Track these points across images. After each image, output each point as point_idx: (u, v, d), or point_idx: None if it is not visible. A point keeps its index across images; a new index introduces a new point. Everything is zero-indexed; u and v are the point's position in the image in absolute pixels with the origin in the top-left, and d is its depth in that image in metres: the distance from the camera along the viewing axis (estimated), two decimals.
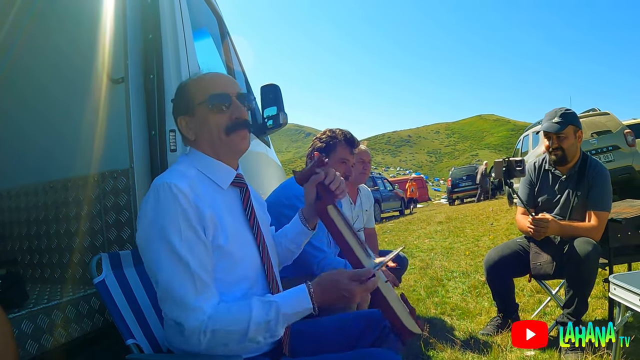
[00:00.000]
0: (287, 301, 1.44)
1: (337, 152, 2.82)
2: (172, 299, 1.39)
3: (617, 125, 9.69)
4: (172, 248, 1.39)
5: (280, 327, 1.42)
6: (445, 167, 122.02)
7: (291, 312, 1.42)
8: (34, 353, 1.78)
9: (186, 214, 1.41)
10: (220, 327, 1.36)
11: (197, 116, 1.60)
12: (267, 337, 1.42)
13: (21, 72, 2.85)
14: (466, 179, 24.65)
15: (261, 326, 1.38)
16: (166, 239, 1.39)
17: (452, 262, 6.39)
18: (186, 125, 1.62)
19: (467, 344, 3.15)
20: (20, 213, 2.78)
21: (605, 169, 3.19)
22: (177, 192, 1.41)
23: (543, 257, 3.13)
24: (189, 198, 1.43)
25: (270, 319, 1.39)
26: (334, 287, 1.44)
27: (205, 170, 1.58)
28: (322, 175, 1.73)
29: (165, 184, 1.43)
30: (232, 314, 1.38)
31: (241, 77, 3.68)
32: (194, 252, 1.40)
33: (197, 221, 1.42)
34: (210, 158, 1.60)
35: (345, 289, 1.43)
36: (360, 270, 1.47)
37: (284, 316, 1.41)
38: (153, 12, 2.41)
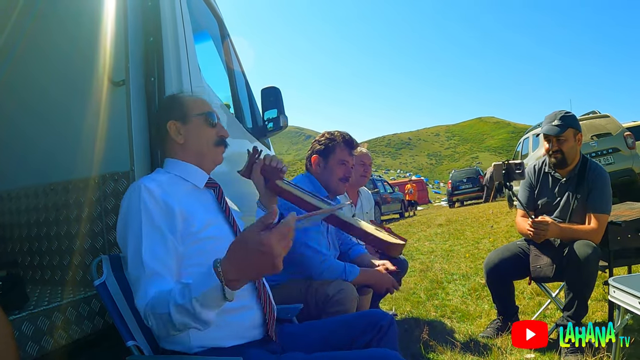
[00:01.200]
0: (196, 281, 1.31)
1: (336, 153, 2.81)
2: (133, 288, 1.55)
3: (617, 128, 9.70)
4: (134, 244, 1.54)
5: (202, 311, 1.30)
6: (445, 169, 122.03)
7: (202, 292, 1.28)
8: (35, 355, 1.78)
9: (149, 212, 1.55)
10: (153, 312, 1.41)
11: (192, 125, 1.80)
12: (196, 322, 1.33)
13: (22, 75, 2.85)
14: (466, 182, 24.64)
15: (181, 309, 1.32)
16: (131, 236, 1.55)
17: (452, 264, 6.39)
18: (176, 130, 1.78)
19: (467, 346, 3.15)
20: (20, 215, 2.78)
21: (605, 172, 3.19)
22: (144, 192, 1.57)
23: (543, 259, 3.13)
24: (156, 196, 1.58)
25: (185, 302, 1.30)
26: (242, 247, 1.23)
27: (182, 174, 1.77)
28: (261, 162, 1.99)
29: (136, 184, 1.61)
30: (159, 297, 1.42)
31: (241, 79, 3.68)
32: (150, 246, 1.51)
33: (161, 217, 1.56)
34: (187, 164, 1.79)
35: (253, 244, 1.19)
36: (264, 215, 1.24)
37: (198, 299, 1.28)
38: (154, 15, 2.42)
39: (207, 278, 1.27)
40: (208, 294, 1.28)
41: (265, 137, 3.79)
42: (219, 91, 3.11)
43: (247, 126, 3.54)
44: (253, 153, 2.00)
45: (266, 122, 3.59)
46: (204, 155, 1.82)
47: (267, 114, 3.56)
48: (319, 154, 2.84)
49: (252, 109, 3.78)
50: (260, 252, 1.19)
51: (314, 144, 2.93)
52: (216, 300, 1.28)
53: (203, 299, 1.29)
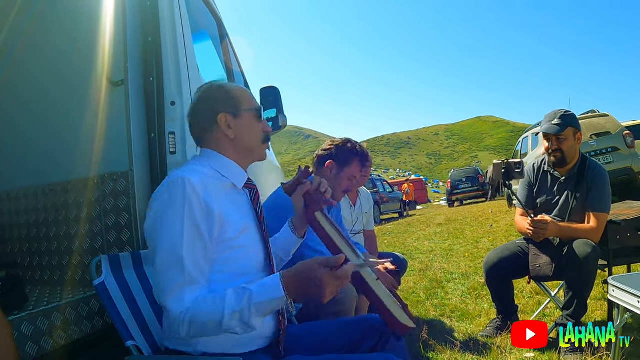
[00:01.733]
0: (260, 289, 1.39)
1: (351, 167, 2.79)
2: (161, 285, 1.46)
3: (617, 127, 9.70)
4: (172, 240, 1.46)
5: (254, 318, 1.37)
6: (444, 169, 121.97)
7: (263, 301, 1.37)
8: (34, 355, 1.78)
9: (192, 211, 1.48)
10: (197, 319, 1.39)
11: (243, 120, 1.70)
12: (244, 327, 1.38)
13: (21, 75, 2.85)
14: (466, 181, 24.62)
15: (235, 316, 1.36)
16: (169, 231, 1.47)
17: (451, 264, 6.39)
18: (226, 123, 1.68)
19: (467, 345, 3.15)
20: (20, 215, 2.79)
21: (605, 171, 3.19)
22: (189, 189, 1.48)
23: (542, 258, 3.13)
24: (200, 195, 1.50)
25: (243, 308, 1.35)
26: (305, 274, 1.38)
27: (222, 170, 1.66)
28: (308, 185, 1.82)
29: (179, 178, 1.50)
30: (208, 305, 1.40)
31: (240, 79, 3.68)
32: (190, 248, 1.46)
33: (202, 218, 1.49)
34: (229, 160, 1.69)
35: (314, 276, 1.36)
36: (332, 257, 1.41)
37: (257, 305, 1.36)
38: (152, 15, 2.42)
39: (271, 288, 1.38)
40: (269, 303, 1.38)
41: None
42: None
43: None
44: (304, 173, 1.86)
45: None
46: (252, 152, 1.76)
47: (266, 114, 3.56)
48: (336, 160, 2.79)
49: None
50: (314, 285, 1.36)
51: (332, 147, 2.87)
52: (274, 309, 1.42)
53: (262, 306, 1.37)
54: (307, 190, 1.83)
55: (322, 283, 1.35)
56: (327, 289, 1.35)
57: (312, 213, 1.80)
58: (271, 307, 1.40)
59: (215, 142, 1.70)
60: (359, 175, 2.85)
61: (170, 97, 2.43)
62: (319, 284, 1.35)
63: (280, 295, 1.36)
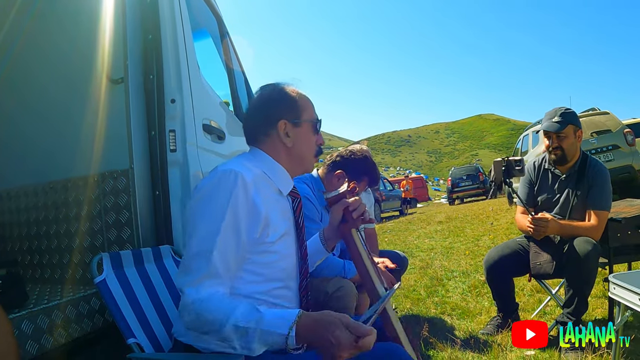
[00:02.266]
0: (271, 318, 1.32)
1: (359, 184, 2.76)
2: (186, 269, 1.46)
3: (617, 125, 9.69)
4: (208, 230, 1.45)
5: (255, 343, 1.31)
6: (445, 166, 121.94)
7: (266, 330, 1.30)
8: (34, 353, 1.78)
9: (237, 207, 1.47)
10: (204, 314, 1.36)
11: (301, 129, 1.70)
12: (243, 346, 1.33)
13: (21, 73, 2.84)
14: (466, 179, 24.58)
15: (238, 329, 1.32)
16: (208, 221, 1.46)
17: (452, 261, 6.39)
18: (285, 130, 1.67)
19: (467, 343, 3.15)
20: (20, 214, 2.79)
21: (605, 169, 3.19)
22: (240, 184, 1.48)
23: (543, 256, 3.13)
24: (249, 193, 1.50)
25: (248, 327, 1.31)
26: (324, 326, 1.27)
27: (270, 174, 1.65)
28: (349, 202, 1.81)
29: (232, 172, 1.49)
30: (219, 305, 1.38)
31: (241, 77, 3.68)
32: (224, 243, 1.45)
33: (245, 216, 1.49)
34: (280, 165, 1.69)
35: (333, 334, 1.25)
36: (362, 326, 1.28)
37: (262, 332, 1.30)
38: (153, 13, 2.42)
39: (284, 321, 1.30)
40: (271, 336, 1.30)
41: None
42: (218, 89, 3.11)
43: None
44: (349, 188, 1.87)
45: None
46: (303, 162, 1.76)
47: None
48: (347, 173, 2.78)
49: None
50: (329, 342, 1.25)
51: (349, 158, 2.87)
52: (277, 344, 1.31)
53: (267, 336, 1.30)
54: (346, 207, 1.82)
55: (339, 345, 1.25)
56: (339, 351, 1.25)
57: (349, 229, 1.81)
58: (270, 340, 1.31)
59: (269, 145, 1.69)
60: (362, 192, 2.87)
61: (171, 94, 2.43)
62: (335, 344, 1.25)
63: (283, 333, 1.29)
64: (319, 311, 1.34)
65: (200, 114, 2.62)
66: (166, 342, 1.86)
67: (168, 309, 2.00)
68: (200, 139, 2.60)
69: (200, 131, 2.61)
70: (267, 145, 1.69)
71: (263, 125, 1.69)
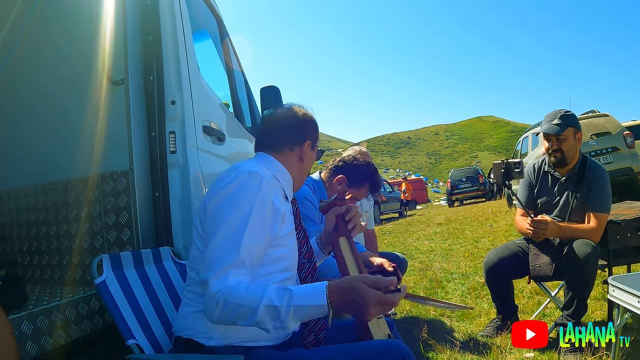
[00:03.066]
0: (302, 292, 1.41)
1: (359, 191, 2.82)
2: (211, 261, 1.49)
3: (617, 127, 9.69)
4: (236, 224, 1.52)
5: (291, 319, 1.38)
6: (444, 168, 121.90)
7: (303, 305, 1.38)
8: (34, 354, 1.78)
9: (263, 205, 1.57)
10: (232, 300, 1.40)
11: (312, 153, 1.89)
12: (277, 326, 1.39)
13: (21, 74, 2.84)
14: (466, 181, 24.60)
15: (271, 310, 1.37)
16: (236, 215, 1.53)
17: (451, 263, 6.39)
18: (305, 150, 1.84)
19: (467, 345, 3.15)
20: (20, 214, 2.78)
21: (605, 171, 3.19)
22: (265, 186, 1.59)
23: (542, 258, 3.13)
24: (270, 194, 1.61)
25: (282, 305, 1.37)
26: (352, 291, 1.37)
27: (281, 180, 1.76)
28: (342, 209, 1.92)
29: (258, 174, 1.60)
30: (248, 291, 1.42)
31: (240, 78, 3.68)
32: (250, 236, 1.51)
33: (268, 215, 1.59)
34: (289, 174, 1.82)
35: (361, 295, 1.35)
36: (385, 278, 1.39)
37: (296, 308, 1.38)
38: (153, 14, 2.42)
39: (314, 294, 1.39)
40: (309, 309, 1.39)
41: None
42: (218, 90, 3.11)
43: (246, 125, 3.54)
44: (340, 195, 1.95)
45: None
46: (301, 180, 1.91)
47: (266, 113, 3.56)
48: (349, 179, 2.81)
49: (251, 108, 3.78)
50: (359, 304, 1.35)
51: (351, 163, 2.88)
52: (313, 316, 1.43)
53: (301, 310, 1.38)
54: (338, 214, 1.92)
55: (368, 303, 1.34)
56: (372, 310, 1.35)
57: (337, 236, 1.87)
58: (310, 313, 1.41)
59: (287, 157, 1.82)
60: (361, 197, 2.91)
61: (171, 96, 2.43)
62: (364, 303, 1.34)
63: (323, 304, 1.38)
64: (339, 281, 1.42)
65: (201, 116, 2.62)
66: (166, 343, 1.86)
67: (168, 310, 2.00)
68: (200, 140, 2.60)
69: (200, 133, 2.61)
70: (285, 157, 1.81)
71: (292, 139, 1.82)
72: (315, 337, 1.74)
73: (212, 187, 1.65)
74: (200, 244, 1.63)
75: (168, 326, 1.93)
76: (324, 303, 1.37)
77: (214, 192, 1.61)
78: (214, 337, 1.59)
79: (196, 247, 1.65)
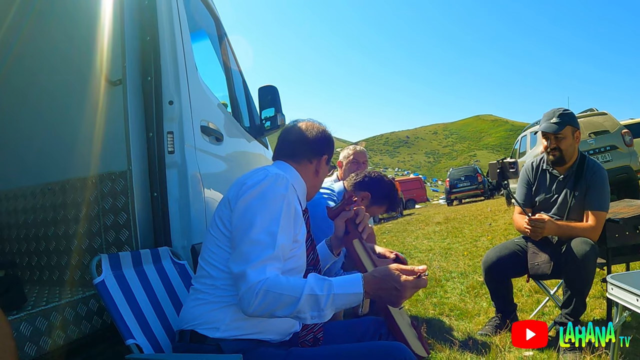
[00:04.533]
0: (340, 282, 1.51)
1: (379, 208, 2.92)
2: (247, 255, 1.54)
3: (615, 125, 9.70)
4: (270, 220, 1.59)
5: (328, 308, 1.48)
6: (443, 167, 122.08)
7: (342, 293, 1.49)
8: (33, 355, 1.78)
9: (290, 206, 1.66)
10: (274, 290, 1.47)
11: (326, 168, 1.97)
12: (315, 315, 1.49)
13: (19, 74, 2.84)
14: (464, 180, 24.60)
15: (312, 298, 1.47)
16: (269, 212, 1.61)
17: (450, 262, 6.40)
18: (320, 162, 1.93)
19: (466, 344, 3.15)
20: (18, 215, 2.78)
21: (603, 169, 3.19)
22: (290, 188, 1.69)
23: (541, 257, 3.13)
24: (294, 197, 1.71)
25: (322, 294, 1.47)
26: (386, 278, 1.51)
27: (297, 188, 1.82)
28: (351, 213, 2.01)
29: (285, 178, 1.69)
30: (289, 282, 1.50)
31: (239, 78, 3.68)
32: (283, 235, 1.60)
33: (293, 216, 1.68)
34: (305, 183, 1.90)
35: (396, 281, 1.50)
36: (415, 267, 1.54)
37: (335, 297, 1.48)
38: (150, 14, 2.42)
39: (351, 283, 1.52)
40: (347, 297, 1.51)
41: (262, 136, 3.78)
42: (216, 90, 3.11)
43: (244, 125, 3.54)
44: (347, 200, 2.02)
45: (263, 120, 3.59)
46: (314, 192, 1.98)
47: (264, 113, 3.56)
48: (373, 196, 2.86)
49: (249, 108, 3.78)
50: (394, 288, 1.51)
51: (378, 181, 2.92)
52: (349, 304, 1.53)
53: (340, 298, 1.50)
54: (348, 219, 2.00)
55: (403, 289, 1.50)
56: (404, 293, 1.51)
57: (351, 240, 1.94)
58: (347, 302, 1.52)
59: (305, 168, 1.90)
60: (378, 214, 2.98)
61: (169, 96, 2.43)
62: (400, 289, 1.50)
63: (359, 292, 1.50)
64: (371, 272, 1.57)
65: (199, 116, 2.62)
66: (165, 342, 1.86)
67: (167, 310, 2.00)
68: (199, 140, 2.60)
69: (198, 133, 2.61)
70: (302, 167, 1.89)
71: (313, 152, 1.90)
72: (313, 336, 1.76)
73: (237, 186, 1.70)
74: (222, 242, 1.68)
75: (167, 326, 1.93)
76: (360, 291, 1.50)
77: (241, 191, 1.67)
78: (221, 329, 1.63)
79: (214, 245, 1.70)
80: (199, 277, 1.73)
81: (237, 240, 1.60)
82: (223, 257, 1.67)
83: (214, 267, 1.68)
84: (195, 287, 1.73)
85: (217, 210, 1.75)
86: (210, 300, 1.65)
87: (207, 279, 1.69)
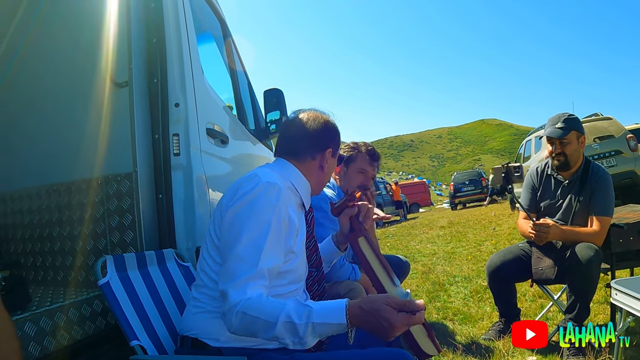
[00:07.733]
0: (322, 310, 1.40)
1: (356, 162, 2.90)
2: (230, 272, 1.49)
3: (620, 130, 9.67)
4: (256, 236, 1.51)
5: (309, 336, 1.39)
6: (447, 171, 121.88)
7: (322, 322, 1.38)
8: (37, 355, 1.78)
9: (280, 218, 1.56)
10: (251, 313, 1.40)
11: (333, 160, 1.88)
12: (295, 342, 1.40)
13: (25, 76, 2.85)
14: (469, 184, 24.58)
15: (289, 326, 1.38)
16: (255, 227, 1.52)
17: (454, 266, 6.38)
18: (326, 158, 1.83)
19: (469, 348, 3.15)
20: (23, 216, 2.79)
21: (608, 174, 3.18)
22: (282, 199, 1.58)
23: (545, 262, 3.13)
24: (287, 207, 1.61)
25: (300, 323, 1.37)
26: (374, 313, 1.36)
27: (299, 188, 1.76)
28: (355, 210, 1.92)
29: (275, 185, 1.59)
30: (267, 305, 1.42)
31: (244, 81, 3.69)
32: (269, 249, 1.52)
33: (284, 228, 1.59)
34: (308, 182, 1.81)
35: (385, 318, 1.35)
36: (411, 301, 1.40)
37: (314, 325, 1.38)
38: (157, 16, 2.43)
39: (333, 312, 1.39)
40: (328, 327, 1.39)
41: (267, 139, 3.79)
42: (221, 92, 3.12)
43: (249, 128, 3.55)
44: (350, 197, 1.95)
45: (268, 124, 3.60)
46: (320, 188, 1.90)
47: (269, 116, 3.57)
48: (342, 161, 2.92)
49: (254, 111, 3.79)
50: (381, 325, 1.35)
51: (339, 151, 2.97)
52: (332, 333, 1.41)
53: (320, 327, 1.38)
54: (352, 216, 1.92)
55: (393, 327, 1.34)
56: (393, 331, 1.35)
57: (356, 237, 1.87)
58: (329, 330, 1.40)
59: (307, 165, 1.80)
60: (369, 168, 2.93)
61: (175, 98, 2.44)
62: (388, 326, 1.34)
63: (342, 322, 1.38)
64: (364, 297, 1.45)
65: (204, 118, 2.63)
66: (169, 344, 1.86)
67: (171, 312, 2.00)
68: (204, 143, 2.61)
69: (203, 135, 2.61)
70: (305, 165, 1.80)
71: (313, 147, 1.80)
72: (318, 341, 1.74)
73: (230, 193, 1.64)
74: (213, 252, 1.65)
75: (171, 327, 1.93)
76: (343, 322, 1.37)
77: (232, 200, 1.60)
78: (221, 340, 1.60)
79: (207, 253, 1.67)
80: (198, 285, 1.71)
81: (225, 253, 1.55)
82: (215, 269, 1.63)
83: (208, 278, 1.65)
84: (194, 294, 1.70)
85: (212, 216, 1.72)
86: (209, 309, 1.63)
87: (204, 288, 1.66)
